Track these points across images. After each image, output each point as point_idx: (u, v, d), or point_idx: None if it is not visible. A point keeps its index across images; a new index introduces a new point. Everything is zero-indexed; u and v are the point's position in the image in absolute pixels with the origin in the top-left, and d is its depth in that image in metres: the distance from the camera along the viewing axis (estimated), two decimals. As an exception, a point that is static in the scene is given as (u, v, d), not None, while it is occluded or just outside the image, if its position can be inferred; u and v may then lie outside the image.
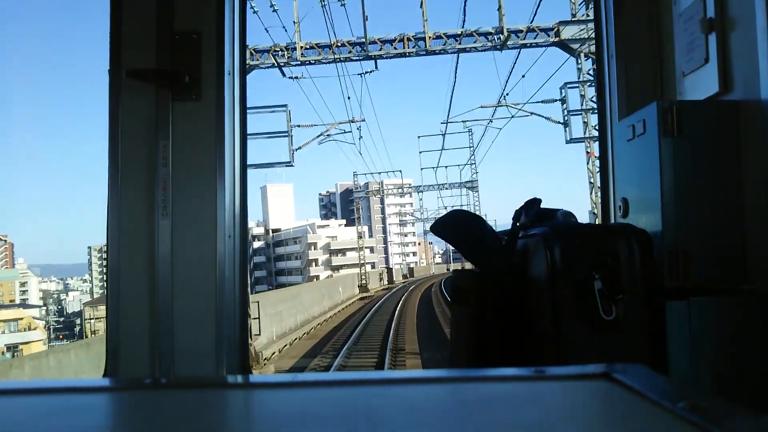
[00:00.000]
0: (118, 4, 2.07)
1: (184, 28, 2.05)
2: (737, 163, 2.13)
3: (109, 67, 2.07)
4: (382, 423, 0.77)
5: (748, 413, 0.72)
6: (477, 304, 2.05)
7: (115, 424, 0.86)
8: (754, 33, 1.99)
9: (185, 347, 2.01)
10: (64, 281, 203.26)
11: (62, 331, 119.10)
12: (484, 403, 0.84)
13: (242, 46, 2.17)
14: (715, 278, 2.15)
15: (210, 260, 2.03)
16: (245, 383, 1.12)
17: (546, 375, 0.93)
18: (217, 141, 2.05)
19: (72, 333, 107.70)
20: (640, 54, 2.71)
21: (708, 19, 2.25)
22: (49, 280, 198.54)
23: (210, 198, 2.04)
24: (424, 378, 1.02)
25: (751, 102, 2.06)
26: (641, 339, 1.85)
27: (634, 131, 2.34)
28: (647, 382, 0.84)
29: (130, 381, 1.36)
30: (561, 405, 0.83)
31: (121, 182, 2.05)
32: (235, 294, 2.08)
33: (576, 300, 1.83)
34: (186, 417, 0.83)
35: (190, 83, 2.03)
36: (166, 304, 2.00)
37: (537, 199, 2.20)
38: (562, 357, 1.83)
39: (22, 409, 0.88)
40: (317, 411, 0.83)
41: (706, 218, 2.15)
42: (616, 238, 1.91)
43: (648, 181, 2.24)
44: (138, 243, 2.03)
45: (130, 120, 2.06)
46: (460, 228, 2.17)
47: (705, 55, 2.28)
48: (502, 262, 2.06)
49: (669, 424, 0.71)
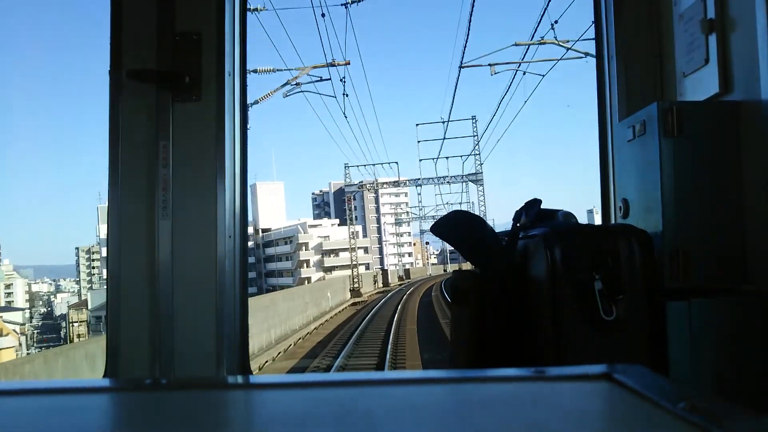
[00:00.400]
0: (118, 4, 2.07)
1: (184, 28, 2.05)
2: (737, 163, 2.13)
3: (109, 68, 2.07)
4: (382, 423, 0.77)
5: (748, 414, 0.72)
6: (477, 305, 2.05)
7: (116, 425, 0.86)
8: (755, 33, 2.00)
9: (185, 348, 2.01)
10: (56, 282, 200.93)
11: (49, 334, 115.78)
12: (485, 404, 0.84)
13: (243, 46, 2.17)
14: (715, 278, 2.15)
15: (210, 260, 2.03)
16: (245, 384, 1.12)
17: (546, 375, 0.93)
18: (218, 141, 2.05)
19: (58, 337, 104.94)
20: (640, 54, 2.71)
21: (708, 19, 2.25)
22: (42, 281, 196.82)
23: (210, 198, 2.05)
24: (424, 378, 1.02)
25: (752, 102, 2.06)
26: (641, 339, 1.85)
27: (635, 132, 2.34)
28: (647, 383, 0.84)
29: (131, 381, 1.36)
30: (561, 405, 0.82)
31: (122, 182, 2.05)
32: (236, 294, 2.08)
33: (576, 300, 1.83)
34: (186, 417, 0.83)
35: (190, 84, 2.03)
36: (166, 305, 2.00)
37: (537, 199, 2.20)
38: (562, 357, 1.83)
39: (23, 409, 0.88)
40: (317, 411, 0.83)
41: (707, 219, 2.15)
42: (616, 238, 1.91)
43: (648, 181, 2.24)
44: (138, 243, 2.03)
45: (130, 121, 2.06)
46: (461, 228, 2.17)
47: (705, 56, 2.28)
48: (503, 262, 2.06)
49: (669, 425, 0.71)
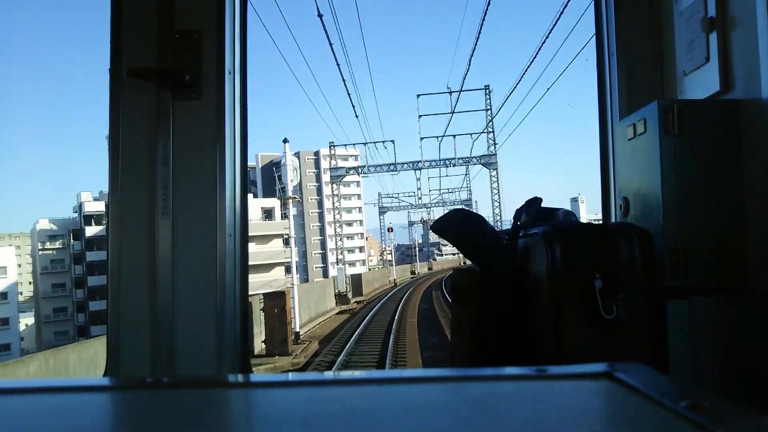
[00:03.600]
0: (118, 2, 2.07)
1: (184, 27, 2.05)
2: (738, 161, 2.13)
3: (109, 66, 2.06)
4: (382, 422, 0.77)
5: (749, 413, 0.72)
6: (478, 303, 2.05)
7: (117, 423, 0.86)
8: (755, 32, 1.99)
9: (186, 346, 2.01)
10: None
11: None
12: (485, 403, 0.84)
13: (243, 45, 2.17)
14: (715, 277, 2.15)
15: (210, 259, 2.03)
16: (246, 382, 1.11)
17: (547, 374, 0.93)
18: (218, 140, 2.05)
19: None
20: (640, 53, 2.70)
21: (709, 17, 2.25)
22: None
23: (210, 197, 2.04)
24: (424, 377, 1.02)
25: (752, 101, 2.06)
26: (642, 338, 1.85)
27: (635, 130, 2.34)
28: (648, 382, 0.84)
29: (131, 380, 1.36)
30: (562, 404, 0.82)
31: (121, 181, 2.05)
32: (236, 293, 2.08)
33: (577, 299, 1.83)
34: (187, 416, 0.83)
35: (190, 82, 2.03)
36: (166, 303, 2.00)
37: (538, 198, 2.20)
38: (562, 356, 1.83)
39: (23, 409, 0.88)
40: (318, 410, 0.83)
41: (707, 217, 2.15)
42: (616, 237, 1.91)
43: (649, 180, 2.24)
44: (138, 242, 2.03)
45: (130, 119, 2.06)
46: (461, 227, 2.17)
47: (706, 54, 2.28)
48: (503, 261, 2.07)
49: (670, 424, 0.71)
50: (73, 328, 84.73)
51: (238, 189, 2.12)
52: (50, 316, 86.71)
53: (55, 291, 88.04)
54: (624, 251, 1.88)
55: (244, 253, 2.13)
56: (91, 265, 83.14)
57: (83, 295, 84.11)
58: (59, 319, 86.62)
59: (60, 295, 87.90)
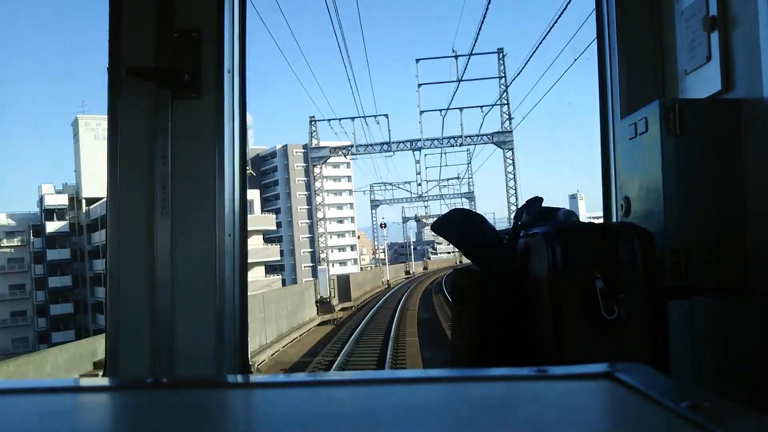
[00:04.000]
0: (117, 2, 2.07)
1: (184, 26, 2.05)
2: (739, 161, 2.13)
3: (108, 65, 2.06)
4: (382, 423, 0.76)
5: (750, 413, 0.71)
6: (478, 303, 2.05)
7: (116, 424, 0.86)
8: (757, 31, 1.99)
9: (185, 346, 2.01)
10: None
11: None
12: (486, 403, 0.83)
13: (242, 44, 2.17)
14: (716, 277, 2.15)
15: (210, 259, 2.03)
16: (246, 383, 1.11)
17: (548, 374, 0.93)
18: (217, 139, 2.05)
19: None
20: (641, 52, 2.70)
21: (710, 17, 2.24)
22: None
23: (210, 197, 2.04)
24: (424, 378, 1.01)
25: (754, 100, 2.06)
26: (643, 338, 1.85)
27: (636, 129, 2.33)
28: (649, 382, 0.84)
29: (131, 380, 1.36)
30: (563, 405, 0.82)
31: (121, 181, 2.05)
32: (235, 293, 2.08)
33: (577, 299, 1.82)
34: (187, 416, 0.83)
35: (189, 81, 2.03)
36: (165, 304, 2.00)
37: (538, 197, 2.20)
38: (563, 356, 1.83)
39: (23, 409, 0.88)
40: (318, 410, 0.83)
41: (708, 217, 2.15)
42: (617, 237, 1.90)
43: (650, 179, 2.24)
44: (137, 242, 2.03)
45: (129, 118, 2.06)
46: (461, 226, 2.17)
47: (707, 53, 2.28)
48: (503, 261, 2.06)
49: (671, 424, 0.71)
50: (33, 333, 74.98)
51: (237, 189, 2.12)
52: (7, 321, 75.74)
53: (12, 293, 77.12)
54: (624, 251, 1.87)
55: (243, 253, 2.13)
56: (52, 264, 75.89)
57: (44, 297, 75.57)
58: (18, 324, 76.13)
59: (18, 297, 77.34)
